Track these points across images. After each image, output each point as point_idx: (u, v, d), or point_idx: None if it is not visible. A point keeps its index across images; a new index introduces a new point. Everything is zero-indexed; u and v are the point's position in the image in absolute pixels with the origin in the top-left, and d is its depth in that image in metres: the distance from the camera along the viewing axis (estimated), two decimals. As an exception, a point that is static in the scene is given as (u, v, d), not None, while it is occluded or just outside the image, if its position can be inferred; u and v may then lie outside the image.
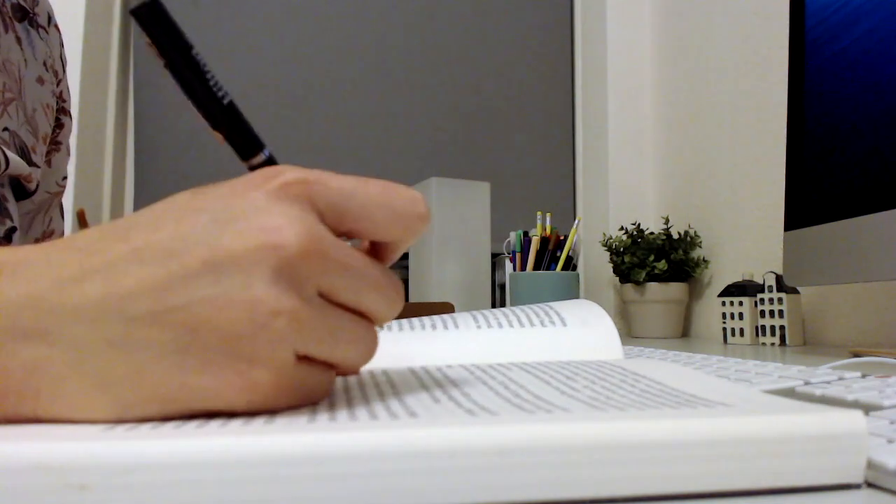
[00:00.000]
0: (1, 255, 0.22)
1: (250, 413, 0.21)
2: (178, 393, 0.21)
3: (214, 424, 0.20)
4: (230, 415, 0.21)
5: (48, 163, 0.58)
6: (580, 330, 0.43)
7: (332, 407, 0.23)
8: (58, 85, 0.58)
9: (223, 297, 0.20)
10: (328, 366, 0.23)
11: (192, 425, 0.20)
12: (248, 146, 0.27)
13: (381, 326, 0.26)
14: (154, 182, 1.47)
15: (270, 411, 0.22)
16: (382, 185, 0.24)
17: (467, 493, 0.18)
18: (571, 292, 1.16)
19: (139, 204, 1.47)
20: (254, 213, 0.21)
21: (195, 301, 0.20)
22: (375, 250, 0.26)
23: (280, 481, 0.17)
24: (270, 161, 0.28)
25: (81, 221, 0.68)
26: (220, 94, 0.26)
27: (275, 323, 0.20)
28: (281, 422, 0.20)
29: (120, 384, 0.20)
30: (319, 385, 0.23)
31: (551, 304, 0.47)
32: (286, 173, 0.22)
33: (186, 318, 0.20)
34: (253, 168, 0.27)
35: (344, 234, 0.24)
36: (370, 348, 0.24)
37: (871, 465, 0.20)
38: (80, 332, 0.20)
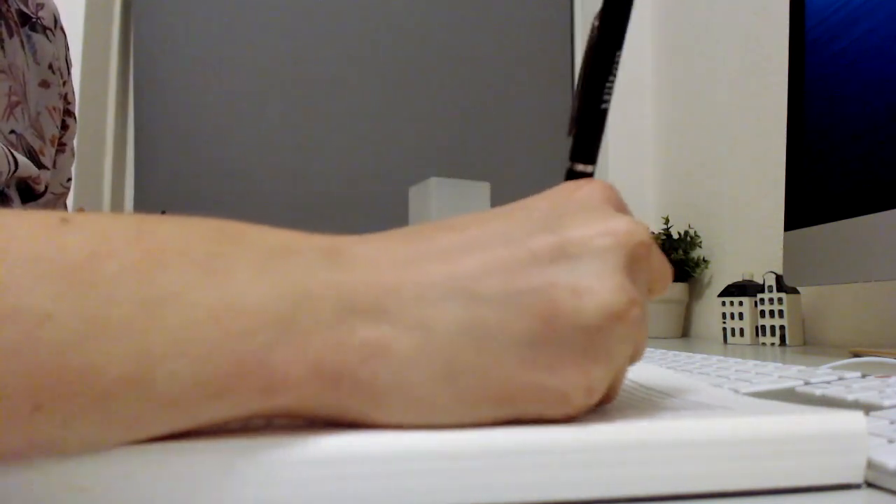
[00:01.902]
0: (327, 239, 0.20)
1: (563, 420, 0.19)
2: (521, 392, 0.19)
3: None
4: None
5: (53, 164, 0.59)
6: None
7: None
8: (63, 86, 0.58)
9: (582, 283, 0.19)
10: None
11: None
12: (588, 153, 0.27)
13: None
14: (154, 182, 1.47)
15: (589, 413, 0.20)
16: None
17: (467, 494, 0.18)
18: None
19: (139, 204, 1.47)
20: (586, 208, 0.21)
21: (549, 285, 0.19)
22: None
23: (280, 483, 0.17)
24: (590, 176, 0.27)
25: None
26: (606, 96, 0.26)
27: (631, 314, 0.19)
28: (281, 425, 0.20)
29: (467, 375, 0.18)
30: (614, 389, 0.22)
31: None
32: (594, 182, 0.23)
33: (541, 304, 0.19)
34: (572, 172, 0.27)
35: None
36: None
37: (871, 465, 0.20)
38: (427, 312, 0.18)
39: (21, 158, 0.48)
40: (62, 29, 0.60)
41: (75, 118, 0.61)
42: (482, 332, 0.18)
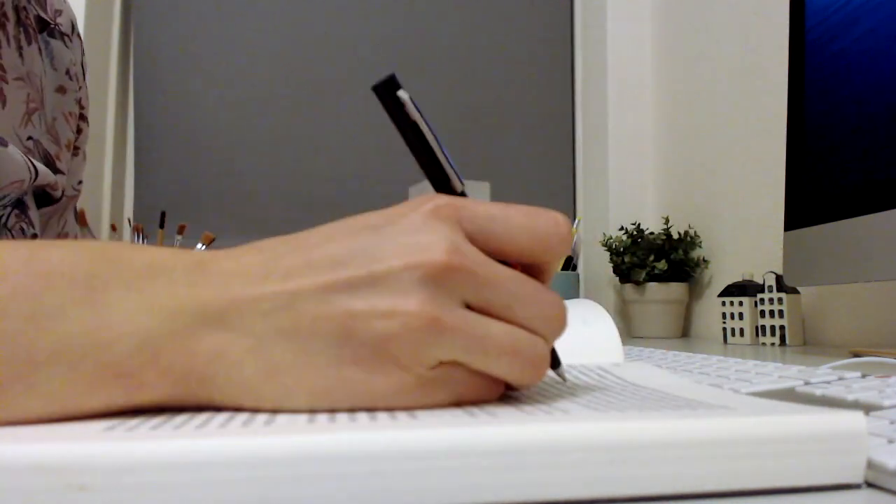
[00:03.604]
0: (196, 256, 0.24)
1: (397, 409, 0.23)
2: (335, 384, 0.23)
3: (214, 424, 0.20)
4: (232, 413, 0.23)
5: (66, 169, 0.59)
6: (581, 329, 0.42)
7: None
8: (79, 91, 0.59)
9: (379, 305, 0.23)
10: (483, 374, 0.24)
11: (192, 425, 0.20)
12: (443, 184, 0.29)
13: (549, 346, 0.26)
14: (154, 182, 1.47)
15: (418, 408, 0.23)
16: (525, 210, 0.26)
17: (466, 493, 0.18)
18: (571, 292, 1.16)
19: (139, 204, 1.47)
20: (411, 232, 0.24)
21: (355, 306, 0.23)
22: (529, 273, 0.26)
23: (279, 481, 0.17)
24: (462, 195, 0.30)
25: (81, 221, 0.68)
26: (449, 169, 0.29)
27: (417, 327, 0.23)
28: (281, 422, 0.20)
29: (287, 372, 0.23)
30: (471, 390, 0.24)
31: (551, 304, 0.47)
32: (438, 199, 0.25)
33: (346, 319, 0.23)
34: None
35: (496, 257, 0.25)
36: (532, 361, 0.24)
37: (871, 465, 0.20)
38: (257, 322, 0.23)
39: (41, 167, 0.48)
40: (79, 35, 0.60)
41: (88, 122, 0.61)
42: (300, 335, 0.23)
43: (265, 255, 0.24)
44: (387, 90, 0.28)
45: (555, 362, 0.29)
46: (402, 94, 0.28)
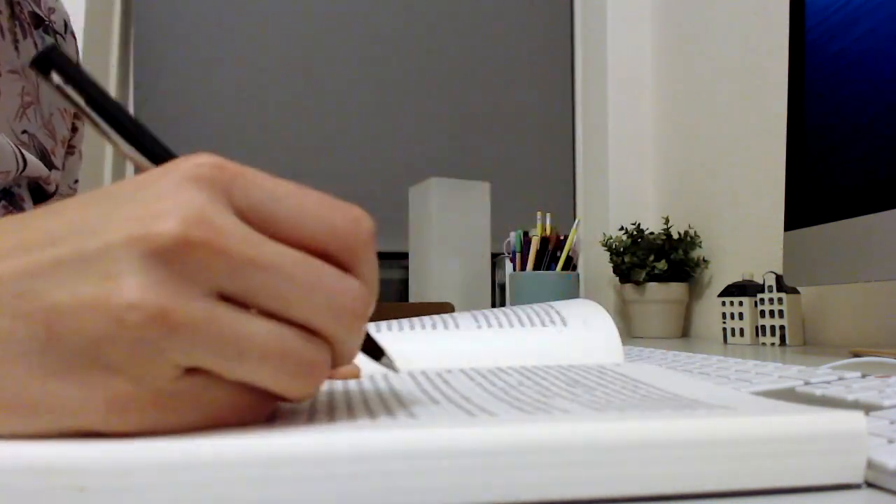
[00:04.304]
0: None
1: (126, 435, 0.18)
2: (42, 401, 0.18)
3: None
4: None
5: (62, 166, 0.59)
6: (581, 330, 0.42)
7: (330, 409, 0.23)
8: None
9: (82, 293, 0.18)
10: (244, 386, 0.19)
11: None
12: (152, 155, 0.23)
13: (345, 360, 0.21)
14: (154, 182, 1.47)
15: (153, 433, 0.18)
16: (321, 197, 0.21)
17: (466, 494, 0.18)
18: (571, 292, 1.16)
19: (139, 204, 1.46)
20: (151, 198, 0.19)
21: (55, 294, 0.18)
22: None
23: (278, 482, 0.17)
24: None
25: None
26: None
27: (130, 318, 0.17)
28: (279, 423, 0.20)
29: None
30: (231, 405, 0.19)
31: (552, 303, 0.47)
32: (202, 158, 0.20)
33: (45, 313, 0.18)
34: None
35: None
36: (305, 369, 0.19)
37: (871, 465, 0.20)
38: None
39: (31, 158, 0.48)
40: (73, 34, 0.61)
41: (83, 121, 0.62)
42: None
43: (4, 232, 0.19)
44: (40, 68, 0.21)
45: (376, 353, 0.24)
46: (55, 76, 0.21)
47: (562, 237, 1.19)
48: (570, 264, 1.18)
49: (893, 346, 0.83)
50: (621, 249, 1.24)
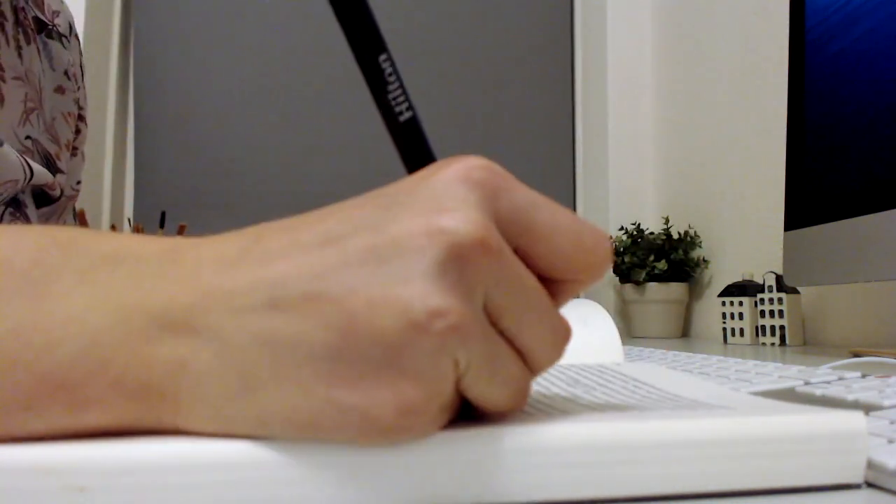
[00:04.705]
0: (172, 243, 0.19)
1: (398, 440, 0.17)
2: (322, 410, 0.17)
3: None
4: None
5: (65, 169, 0.60)
6: (581, 329, 0.42)
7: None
8: (77, 92, 0.59)
9: (379, 291, 0.17)
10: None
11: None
12: (418, 161, 0.23)
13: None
14: (154, 182, 1.47)
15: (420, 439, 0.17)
16: (571, 213, 0.20)
17: (465, 492, 0.18)
18: (571, 292, 1.16)
19: (139, 204, 1.47)
20: (430, 197, 0.18)
21: (348, 292, 0.17)
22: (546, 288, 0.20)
23: (279, 483, 0.17)
24: None
25: (81, 222, 0.68)
26: (399, 107, 0.23)
27: (435, 326, 0.16)
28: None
29: (264, 390, 0.17)
30: (452, 414, 0.19)
31: (551, 304, 0.47)
32: (472, 160, 0.19)
33: (338, 314, 0.17)
34: None
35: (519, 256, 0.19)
36: (521, 397, 0.19)
37: (871, 465, 0.20)
38: (226, 321, 0.17)
39: (36, 167, 0.48)
40: (77, 36, 0.61)
41: (86, 123, 0.62)
42: (278, 344, 0.17)
43: (247, 238, 0.19)
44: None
45: None
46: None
47: (562, 237, 1.19)
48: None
49: (893, 346, 0.83)
50: (621, 249, 1.24)
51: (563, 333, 0.20)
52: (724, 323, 1.01)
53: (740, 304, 0.98)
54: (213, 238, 0.19)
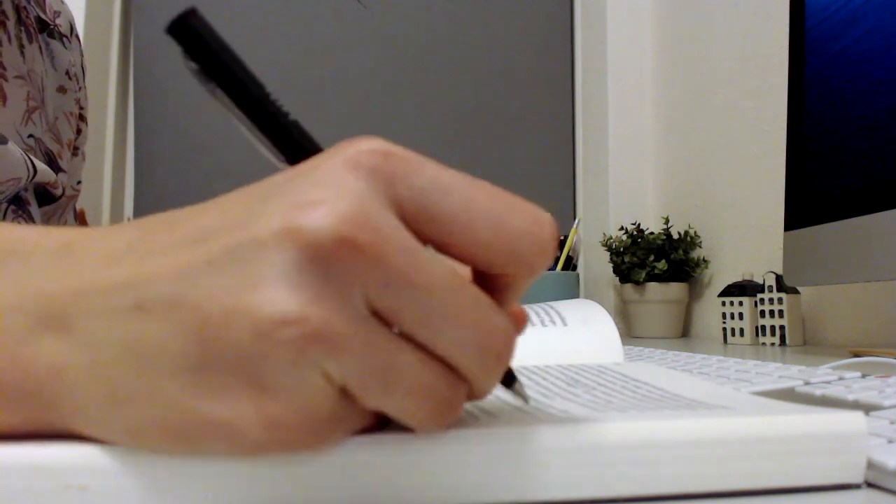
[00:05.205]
0: (71, 234, 0.18)
1: (271, 454, 0.16)
2: (191, 423, 0.16)
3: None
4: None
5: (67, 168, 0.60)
6: (581, 330, 0.42)
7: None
8: (78, 92, 0.60)
9: (234, 297, 0.15)
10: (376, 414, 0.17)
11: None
12: (293, 153, 0.20)
13: (479, 396, 0.18)
14: (154, 182, 1.47)
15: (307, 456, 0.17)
16: (495, 192, 0.17)
17: (467, 493, 0.18)
18: (571, 292, 1.16)
19: (139, 204, 1.47)
20: (304, 189, 0.16)
21: (207, 297, 0.15)
22: (482, 285, 0.18)
23: (279, 484, 0.17)
24: None
25: (81, 222, 0.68)
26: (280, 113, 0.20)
27: (283, 335, 0.15)
28: None
29: (131, 403, 0.16)
30: (359, 427, 0.17)
31: (552, 303, 0.47)
32: (365, 143, 0.17)
33: (196, 321, 0.16)
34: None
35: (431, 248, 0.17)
36: (444, 410, 0.17)
37: (871, 465, 0.20)
38: (98, 323, 0.16)
39: (40, 165, 0.49)
40: (77, 36, 0.61)
41: (87, 123, 0.62)
42: (143, 352, 0.16)
43: (140, 230, 0.18)
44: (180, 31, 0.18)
45: (508, 379, 0.21)
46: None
47: (562, 237, 1.19)
48: (570, 264, 1.18)
49: (893, 346, 0.83)
50: (621, 249, 1.24)
51: (498, 337, 0.17)
52: (724, 323, 1.01)
53: (740, 304, 0.98)
54: (114, 227, 0.18)
